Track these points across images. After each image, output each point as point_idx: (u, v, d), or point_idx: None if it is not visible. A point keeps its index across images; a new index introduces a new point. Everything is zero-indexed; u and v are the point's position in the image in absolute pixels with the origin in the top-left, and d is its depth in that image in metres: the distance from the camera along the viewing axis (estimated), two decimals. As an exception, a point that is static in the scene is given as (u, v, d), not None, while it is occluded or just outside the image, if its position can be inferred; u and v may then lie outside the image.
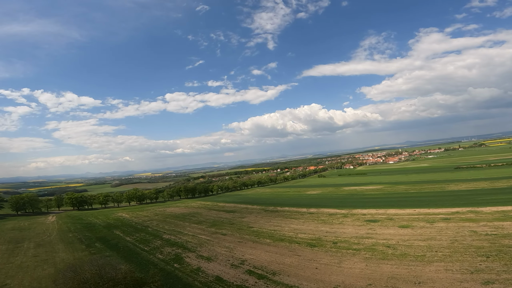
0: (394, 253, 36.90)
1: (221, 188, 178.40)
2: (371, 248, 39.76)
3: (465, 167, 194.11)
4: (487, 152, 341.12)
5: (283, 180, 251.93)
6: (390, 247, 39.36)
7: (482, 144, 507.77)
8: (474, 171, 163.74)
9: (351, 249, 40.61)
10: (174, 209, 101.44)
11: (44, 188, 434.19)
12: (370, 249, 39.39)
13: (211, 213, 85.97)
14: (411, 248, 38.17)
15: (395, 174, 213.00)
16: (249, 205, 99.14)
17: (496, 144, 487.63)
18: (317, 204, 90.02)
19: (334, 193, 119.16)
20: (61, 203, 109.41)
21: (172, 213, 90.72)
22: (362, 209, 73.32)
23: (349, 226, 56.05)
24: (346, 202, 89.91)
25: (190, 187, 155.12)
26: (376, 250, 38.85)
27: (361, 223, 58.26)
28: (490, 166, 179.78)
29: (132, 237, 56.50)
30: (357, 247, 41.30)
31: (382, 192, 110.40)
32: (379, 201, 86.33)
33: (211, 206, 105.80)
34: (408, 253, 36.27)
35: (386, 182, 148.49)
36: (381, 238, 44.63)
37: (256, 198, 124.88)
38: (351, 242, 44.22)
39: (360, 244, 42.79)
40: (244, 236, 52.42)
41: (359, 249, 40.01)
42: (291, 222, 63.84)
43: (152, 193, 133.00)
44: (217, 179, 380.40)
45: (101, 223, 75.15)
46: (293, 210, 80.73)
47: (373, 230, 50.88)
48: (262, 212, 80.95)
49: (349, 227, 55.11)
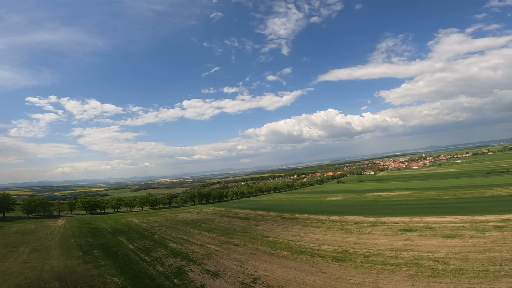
0: (446, 268, 30.16)
1: (236, 194, 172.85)
2: (415, 263, 32.89)
3: (499, 172, 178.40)
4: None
5: (300, 186, 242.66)
6: (439, 261, 32.46)
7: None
8: (509, 176, 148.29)
9: (389, 264, 33.65)
10: (186, 215, 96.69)
11: (69, 192, 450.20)
12: (413, 264, 32.57)
13: (223, 220, 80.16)
14: (467, 262, 31.31)
15: (421, 179, 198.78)
16: (265, 211, 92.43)
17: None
18: (339, 211, 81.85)
19: (357, 200, 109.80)
20: (73, 206, 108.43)
21: (183, 219, 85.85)
22: (392, 217, 64.98)
23: (380, 236, 48.34)
24: (372, 209, 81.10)
25: (204, 193, 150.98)
26: (421, 265, 31.99)
27: (394, 232, 50.44)
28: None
29: (135, 244, 51.67)
30: (396, 261, 34.29)
31: (411, 198, 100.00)
32: (411, 208, 76.93)
33: (225, 212, 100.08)
34: (465, 268, 29.61)
35: (414, 188, 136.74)
36: (424, 251, 37.48)
37: (272, 204, 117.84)
38: (387, 256, 36.95)
39: (399, 257, 35.69)
40: (258, 247, 45.93)
41: (398, 264, 33.11)
42: (312, 231, 56.57)
43: (165, 198, 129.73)
44: (233, 185, 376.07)
45: (108, 228, 71.43)
46: (313, 218, 73.18)
47: (412, 240, 43.38)
48: (279, 220, 74.03)
49: (381, 238, 47.41)
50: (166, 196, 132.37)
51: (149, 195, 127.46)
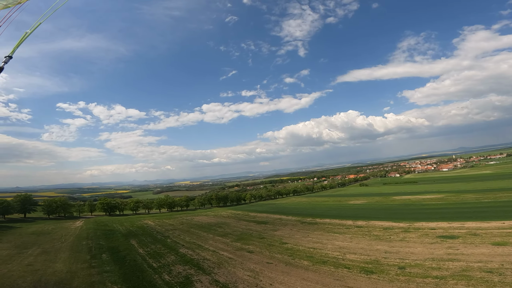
0: (504, 280, 25.16)
1: (254, 197, 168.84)
2: (464, 275, 27.60)
3: None
4: None
5: (321, 189, 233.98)
6: (493, 273, 27.13)
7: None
8: None
9: (431, 276, 28.36)
10: (202, 218, 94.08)
11: (96, 193, 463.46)
12: (462, 277, 27.29)
13: (240, 224, 76.35)
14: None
15: (453, 182, 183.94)
16: (283, 215, 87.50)
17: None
18: (364, 215, 75.24)
19: (383, 203, 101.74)
20: (93, 208, 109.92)
21: (198, 223, 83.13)
22: (427, 222, 58.05)
23: (416, 244, 42.30)
24: (401, 213, 73.72)
25: (222, 196, 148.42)
26: (472, 277, 26.74)
27: (432, 239, 44.24)
28: None
29: (146, 248, 49.11)
30: (440, 273, 29.00)
31: (446, 201, 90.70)
32: (447, 212, 68.92)
33: (241, 215, 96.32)
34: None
35: (447, 191, 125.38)
36: (473, 260, 31.78)
37: (291, 207, 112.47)
38: (428, 267, 31.54)
39: (443, 269, 30.25)
40: (275, 255, 41.47)
41: (443, 277, 27.91)
42: (335, 238, 51.16)
43: (183, 201, 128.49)
44: (252, 187, 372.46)
45: (123, 231, 70.10)
46: (336, 223, 67.37)
47: (456, 249, 37.49)
48: (298, 224, 68.94)
49: (418, 246, 41.40)
50: (183, 198, 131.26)
51: (166, 197, 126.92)
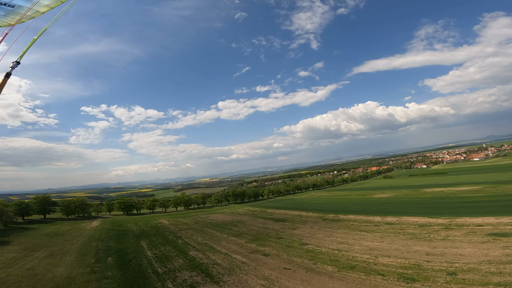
0: None
1: (272, 192, 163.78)
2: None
3: None
4: None
5: (342, 182, 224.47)
6: None
7: None
8: None
9: (492, 284, 22.67)
10: (217, 216, 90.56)
11: (122, 193, 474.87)
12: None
13: (256, 222, 71.72)
14: None
15: (488, 172, 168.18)
16: (303, 211, 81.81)
17: None
18: (393, 210, 67.90)
19: (414, 196, 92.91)
20: (111, 207, 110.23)
21: (213, 221, 79.55)
22: (471, 217, 50.25)
23: (464, 244, 35.59)
24: (437, 207, 65.58)
25: (239, 192, 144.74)
26: None
27: (482, 238, 37.28)
28: None
29: (155, 251, 45.73)
30: (503, 280, 23.11)
31: (486, 194, 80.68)
32: (490, 205, 60.11)
33: (259, 212, 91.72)
34: None
35: (483, 182, 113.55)
36: None
37: (312, 203, 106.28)
38: (485, 272, 25.53)
39: (505, 274, 24.25)
40: (293, 259, 36.27)
41: (508, 284, 21.96)
42: (363, 237, 45.01)
43: (199, 198, 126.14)
44: (270, 183, 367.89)
45: (136, 231, 67.84)
46: (362, 219, 60.81)
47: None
48: (320, 222, 63.07)
49: (466, 246, 34.72)
50: (199, 196, 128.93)
51: (183, 195, 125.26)
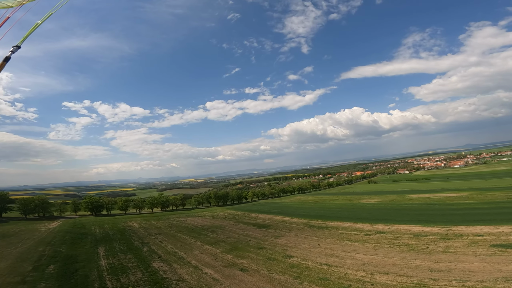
0: None
1: (256, 195, 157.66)
2: None
3: None
4: None
5: (327, 186, 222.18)
6: None
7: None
8: None
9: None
10: (195, 220, 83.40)
11: (102, 191, 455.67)
12: None
13: (237, 228, 65.40)
14: None
15: (470, 179, 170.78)
16: (288, 217, 76.30)
17: None
18: (383, 217, 63.67)
19: (401, 202, 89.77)
20: (78, 207, 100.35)
21: (190, 225, 72.46)
22: (468, 226, 47.02)
23: (469, 257, 31.45)
24: (429, 215, 61.96)
25: (221, 194, 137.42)
26: None
27: (488, 250, 33.53)
28: None
29: (111, 259, 38.52)
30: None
31: (474, 201, 78.59)
32: (484, 213, 57.31)
33: (241, 217, 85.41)
34: None
35: (468, 189, 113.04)
36: None
37: (297, 207, 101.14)
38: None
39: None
40: (275, 277, 30.34)
41: None
42: (354, 249, 39.87)
43: (178, 200, 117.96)
44: (255, 185, 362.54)
45: (98, 234, 59.81)
46: (351, 227, 55.99)
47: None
48: (306, 229, 57.66)
49: (473, 260, 30.57)
50: (178, 197, 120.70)
51: (160, 195, 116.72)
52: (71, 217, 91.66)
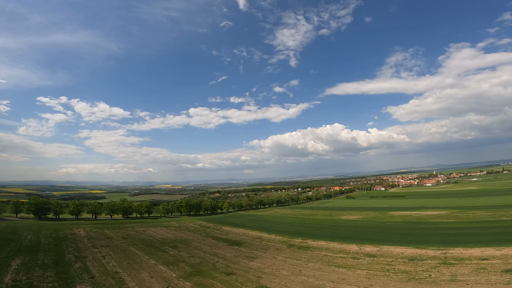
0: None
1: (233, 206, 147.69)
2: None
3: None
4: None
5: (306, 200, 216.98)
6: None
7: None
8: None
9: None
10: (158, 231, 72.67)
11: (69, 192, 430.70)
12: None
13: (205, 244, 56.11)
14: None
15: (444, 197, 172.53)
16: (265, 232, 68.09)
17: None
18: (369, 237, 57.47)
19: (383, 220, 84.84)
20: (19, 208, 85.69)
21: (149, 237, 61.95)
22: (465, 248, 42.70)
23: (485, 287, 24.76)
24: (417, 234, 56.76)
25: (193, 203, 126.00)
26: None
27: (502, 277, 29.66)
28: None
29: (22, 276, 28.22)
30: None
31: (459, 219, 75.23)
32: (475, 233, 53.46)
33: (212, 230, 75.95)
34: None
35: (446, 207, 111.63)
36: None
37: (275, 222, 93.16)
38: None
39: None
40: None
41: None
42: (343, 277, 32.51)
43: (143, 207, 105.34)
44: (233, 195, 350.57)
45: (26, 242, 48.08)
46: (336, 248, 48.93)
47: None
48: (285, 249, 49.77)
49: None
50: (145, 204, 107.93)
51: (123, 201, 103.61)
52: (8, 219, 77.10)
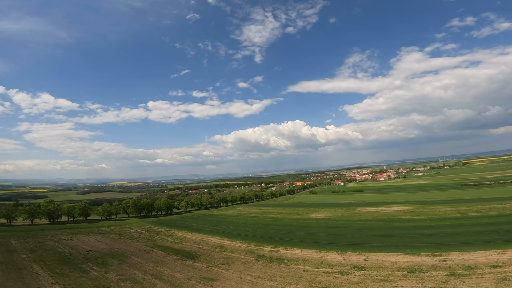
0: None
1: (191, 205, 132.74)
2: None
3: (473, 185, 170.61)
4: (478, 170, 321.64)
5: (270, 196, 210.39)
6: None
7: (466, 163, 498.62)
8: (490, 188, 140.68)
9: None
10: (89, 240, 56.57)
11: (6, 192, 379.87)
12: None
13: (148, 259, 42.75)
14: None
15: (399, 191, 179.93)
16: (228, 238, 56.74)
17: (480, 163, 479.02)
18: (347, 241, 50.00)
19: (354, 218, 79.60)
20: None
21: (72, 250, 46.32)
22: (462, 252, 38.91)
23: None
24: (396, 236, 51.69)
25: (143, 204, 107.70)
26: None
27: None
28: (500, 183, 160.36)
29: None
30: None
31: (427, 216, 72.95)
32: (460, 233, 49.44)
33: (162, 237, 62.16)
34: None
35: (407, 202, 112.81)
36: None
37: (240, 223, 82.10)
38: None
39: None
40: None
41: None
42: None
43: (76, 209, 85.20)
44: (195, 192, 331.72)
45: None
46: (314, 258, 39.90)
47: None
48: (253, 262, 39.05)
49: None
50: (79, 205, 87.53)
51: (48, 203, 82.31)
52: None
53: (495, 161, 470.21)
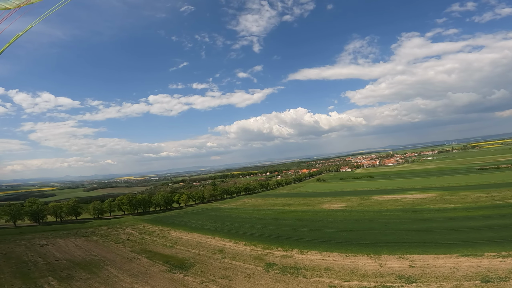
0: None
1: (193, 198, 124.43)
2: None
3: (489, 168, 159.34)
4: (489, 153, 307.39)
5: (276, 185, 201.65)
6: None
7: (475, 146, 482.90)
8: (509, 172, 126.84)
9: None
10: (67, 244, 48.06)
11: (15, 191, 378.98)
12: None
13: (127, 271, 33.88)
14: None
15: (413, 177, 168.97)
16: (229, 239, 47.65)
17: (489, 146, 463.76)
18: (375, 239, 40.34)
19: (373, 209, 70.09)
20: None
21: (39, 258, 37.78)
22: None
23: None
24: (435, 230, 41.13)
25: (138, 200, 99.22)
26: None
27: None
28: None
29: None
30: None
31: (460, 205, 62.78)
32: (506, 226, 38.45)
33: (153, 239, 53.40)
34: None
35: (429, 188, 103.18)
36: None
37: (244, 218, 73.11)
38: None
39: None
40: None
41: None
42: None
43: (62, 208, 77.18)
44: (199, 183, 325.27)
45: None
46: (341, 266, 30.47)
47: None
48: (260, 274, 29.79)
49: None
50: (66, 204, 79.17)
51: (31, 203, 74.35)
52: None
53: (504, 143, 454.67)
